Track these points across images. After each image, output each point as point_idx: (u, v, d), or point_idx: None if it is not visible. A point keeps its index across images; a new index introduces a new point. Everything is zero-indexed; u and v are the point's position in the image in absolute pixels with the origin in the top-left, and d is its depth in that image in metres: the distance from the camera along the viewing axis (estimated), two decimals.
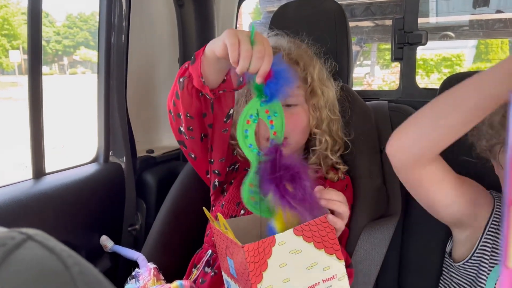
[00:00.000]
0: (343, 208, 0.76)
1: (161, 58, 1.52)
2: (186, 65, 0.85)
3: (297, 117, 0.95)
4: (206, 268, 0.95)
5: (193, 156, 0.98)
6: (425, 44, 1.34)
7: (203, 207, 0.80)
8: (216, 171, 0.99)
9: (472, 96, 0.68)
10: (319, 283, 0.70)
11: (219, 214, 0.72)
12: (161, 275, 0.94)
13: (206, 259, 0.96)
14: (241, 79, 0.82)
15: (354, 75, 1.36)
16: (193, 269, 0.99)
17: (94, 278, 0.29)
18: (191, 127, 0.91)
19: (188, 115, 0.88)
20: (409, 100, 1.36)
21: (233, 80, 0.84)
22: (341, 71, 1.23)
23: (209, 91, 0.82)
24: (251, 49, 0.68)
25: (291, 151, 0.97)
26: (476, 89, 0.68)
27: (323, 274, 0.70)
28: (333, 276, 0.71)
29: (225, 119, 0.91)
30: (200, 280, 0.93)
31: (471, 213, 0.85)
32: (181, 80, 0.85)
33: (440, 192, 0.82)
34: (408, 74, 1.41)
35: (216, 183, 1.01)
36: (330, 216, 0.73)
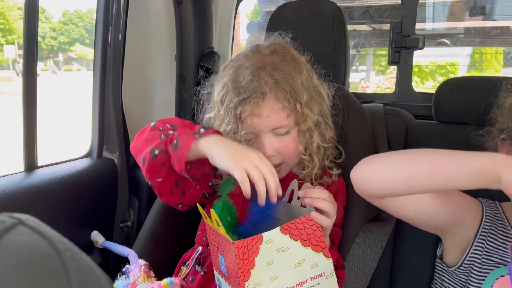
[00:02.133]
0: (327, 206, 0.76)
1: (158, 55, 1.51)
2: (162, 136, 0.81)
3: (289, 144, 0.91)
4: (196, 266, 0.94)
5: None
6: (422, 48, 1.34)
7: (197, 203, 0.79)
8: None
9: (451, 178, 0.67)
10: (307, 280, 0.70)
11: (212, 210, 0.72)
12: (151, 272, 0.94)
13: (196, 256, 0.95)
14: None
15: (349, 80, 1.36)
16: (182, 267, 0.98)
17: (86, 264, 0.29)
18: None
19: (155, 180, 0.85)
20: (404, 103, 1.36)
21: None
22: (338, 73, 1.23)
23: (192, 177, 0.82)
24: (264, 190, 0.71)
25: (287, 171, 0.97)
26: (458, 173, 0.66)
27: (311, 271, 0.71)
28: (321, 273, 0.71)
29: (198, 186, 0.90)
30: (190, 279, 0.92)
31: (454, 225, 0.85)
32: (156, 152, 0.79)
33: (416, 215, 0.83)
34: (404, 78, 1.42)
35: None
36: (314, 214, 0.73)
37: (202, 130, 0.80)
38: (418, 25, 1.39)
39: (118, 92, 1.32)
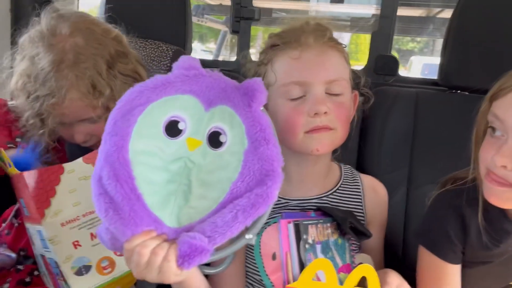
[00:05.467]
0: None
1: None
2: None
3: (102, 126, 0.87)
4: (13, 219, 0.91)
5: None
6: (258, 20, 1.46)
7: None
8: None
9: None
10: None
11: (1, 149, 0.72)
12: None
13: (16, 208, 0.91)
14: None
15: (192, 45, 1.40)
16: (3, 224, 0.94)
17: None
18: None
19: None
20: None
21: None
22: (177, 37, 1.25)
23: None
24: None
25: None
26: None
27: None
28: None
29: None
30: (6, 232, 0.89)
31: None
32: None
33: None
34: (244, 47, 1.52)
35: None
36: None
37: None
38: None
39: None
